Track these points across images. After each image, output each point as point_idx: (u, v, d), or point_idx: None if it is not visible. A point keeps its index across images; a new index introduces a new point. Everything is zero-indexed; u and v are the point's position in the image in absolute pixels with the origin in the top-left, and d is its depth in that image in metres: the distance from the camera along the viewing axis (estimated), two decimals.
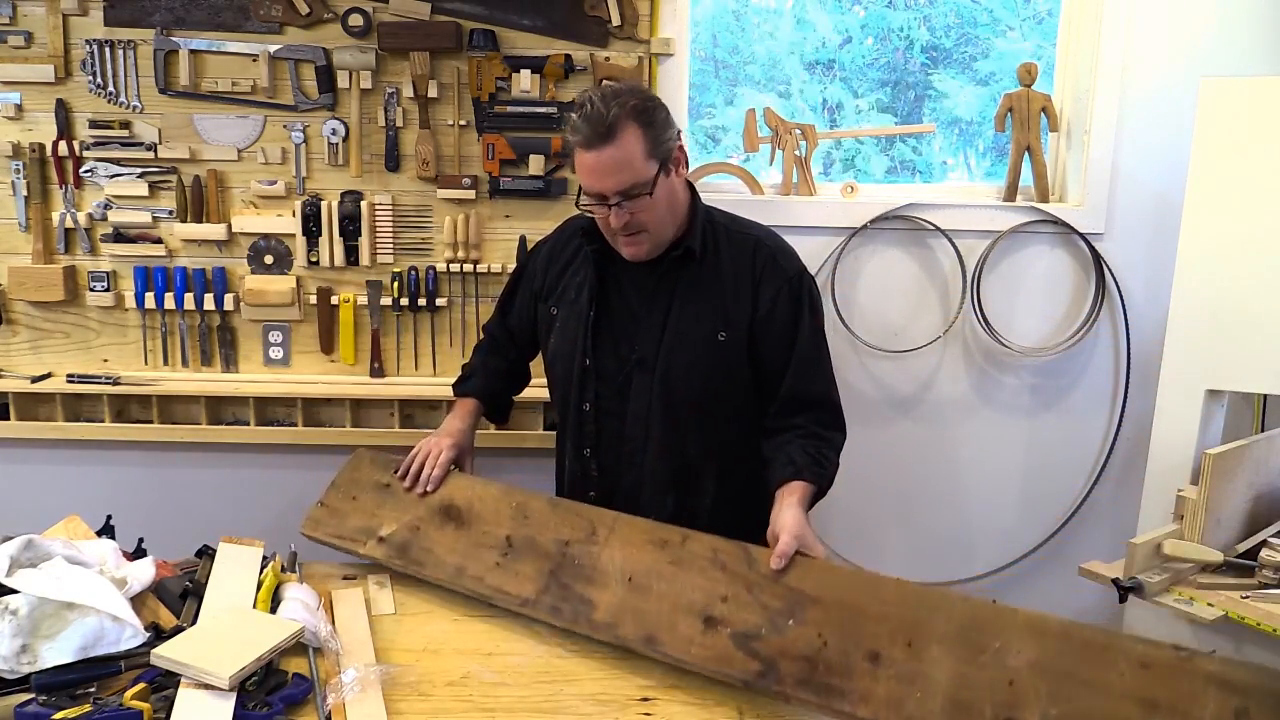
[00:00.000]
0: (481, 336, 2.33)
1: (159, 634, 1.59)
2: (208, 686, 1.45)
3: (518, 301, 2.14)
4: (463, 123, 2.58)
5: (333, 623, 1.71)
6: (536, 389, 2.31)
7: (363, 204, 2.60)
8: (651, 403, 1.92)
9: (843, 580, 1.49)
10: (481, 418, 2.17)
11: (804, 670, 1.46)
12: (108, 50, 2.52)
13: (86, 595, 1.53)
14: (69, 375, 2.65)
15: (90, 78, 2.53)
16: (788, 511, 1.74)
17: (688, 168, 1.94)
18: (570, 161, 1.89)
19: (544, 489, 2.13)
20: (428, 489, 1.94)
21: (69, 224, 2.60)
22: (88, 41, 2.52)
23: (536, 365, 2.24)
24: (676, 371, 1.90)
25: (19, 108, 2.55)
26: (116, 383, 2.62)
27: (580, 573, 1.71)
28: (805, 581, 1.51)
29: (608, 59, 2.56)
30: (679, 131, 1.89)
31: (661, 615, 1.62)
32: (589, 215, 1.92)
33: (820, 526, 2.89)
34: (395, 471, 2.00)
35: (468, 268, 2.62)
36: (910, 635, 1.38)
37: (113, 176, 2.58)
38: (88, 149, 2.57)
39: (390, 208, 2.62)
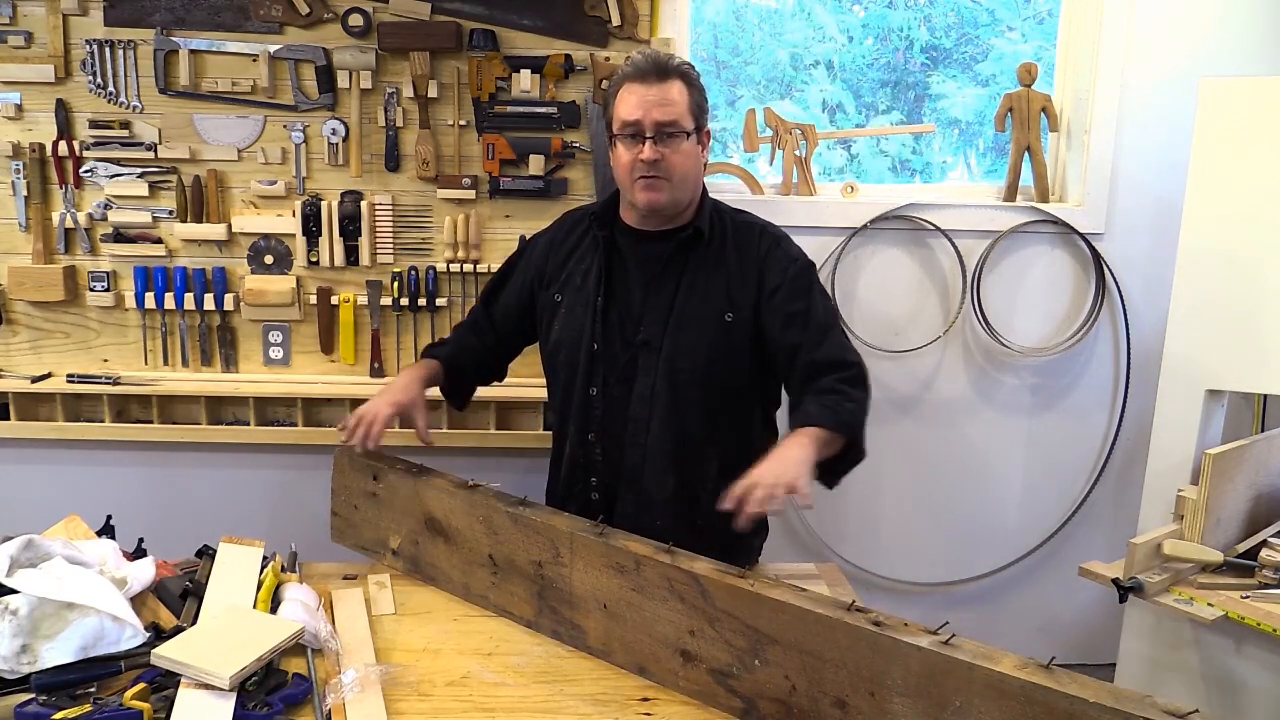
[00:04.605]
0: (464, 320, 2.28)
1: (159, 634, 1.59)
2: (208, 686, 1.44)
3: (508, 289, 2.13)
4: (463, 123, 2.58)
5: (333, 623, 1.71)
6: (535, 389, 2.32)
7: (363, 204, 2.60)
8: (656, 383, 1.93)
9: (796, 620, 1.40)
10: (437, 383, 2.12)
11: (781, 712, 1.44)
12: (108, 50, 2.52)
13: (86, 595, 1.53)
14: (69, 375, 2.65)
15: (90, 78, 2.53)
16: (774, 453, 1.71)
17: (708, 154, 1.97)
18: (609, 105, 1.90)
19: (543, 486, 2.13)
20: (368, 446, 1.91)
21: (69, 224, 2.60)
22: (88, 41, 2.52)
23: (515, 365, 2.23)
24: (682, 352, 1.91)
25: (19, 108, 2.55)
26: (116, 383, 2.62)
27: (561, 597, 1.69)
28: (759, 619, 1.45)
29: (608, 59, 2.56)
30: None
31: (643, 646, 1.59)
32: (597, 203, 1.92)
33: (821, 525, 2.92)
34: (343, 434, 1.95)
35: (468, 268, 2.62)
36: (871, 685, 1.34)
37: (113, 176, 2.58)
38: (88, 149, 2.57)
39: (390, 208, 2.62)
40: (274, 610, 1.69)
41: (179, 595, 1.72)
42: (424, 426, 2.00)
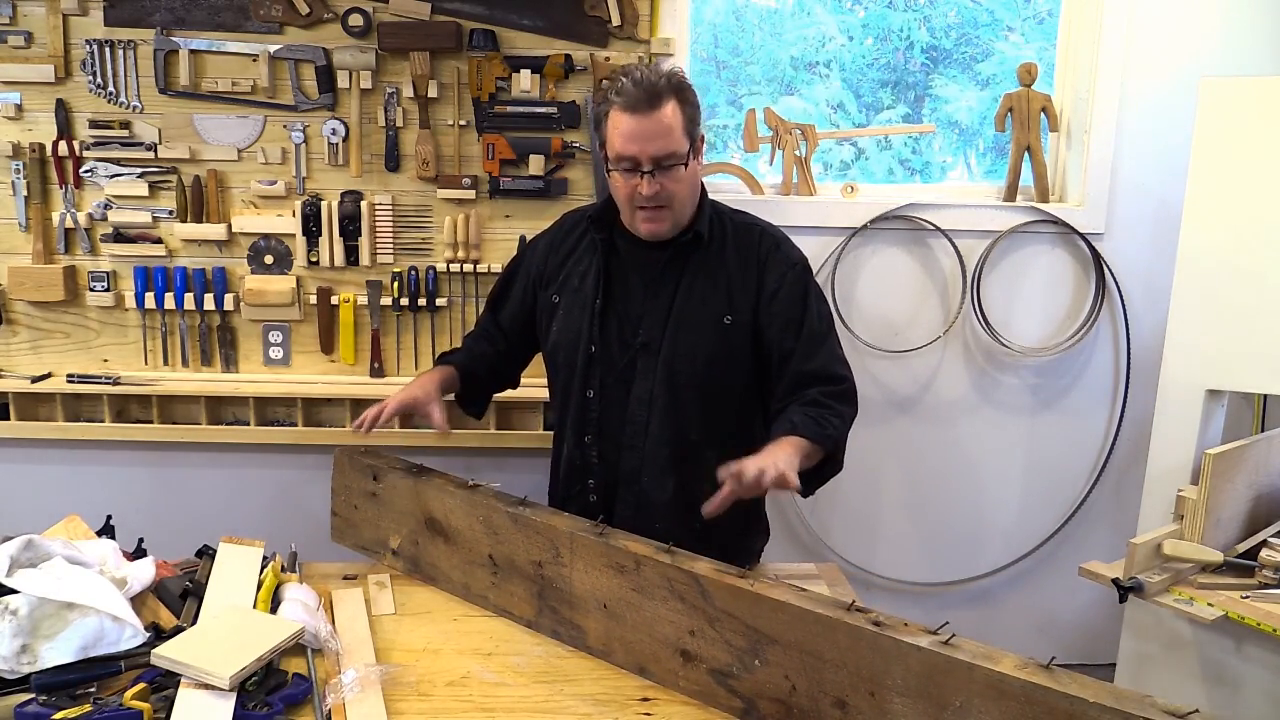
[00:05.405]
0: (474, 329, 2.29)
1: (159, 634, 1.59)
2: (208, 686, 1.45)
3: (513, 293, 2.13)
4: (463, 123, 2.58)
5: (333, 623, 1.71)
6: (536, 389, 2.31)
7: (363, 204, 2.60)
8: (654, 386, 1.92)
9: (796, 620, 1.41)
10: (454, 390, 2.11)
11: (781, 712, 1.44)
12: (108, 50, 2.52)
13: (86, 595, 1.53)
14: (69, 375, 2.65)
15: (90, 78, 2.53)
16: (760, 452, 1.70)
17: (703, 158, 1.97)
18: (600, 124, 1.87)
19: (543, 486, 2.13)
20: (375, 425, 1.92)
21: (69, 224, 2.60)
22: (88, 41, 2.52)
23: (527, 369, 2.23)
24: (681, 354, 1.91)
25: (19, 108, 2.55)
26: (116, 383, 2.62)
27: (561, 597, 1.69)
28: (759, 619, 1.45)
29: (608, 59, 2.56)
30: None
31: (643, 646, 1.59)
32: (595, 205, 1.91)
33: (821, 525, 2.91)
34: (360, 426, 1.96)
35: (468, 268, 2.62)
36: (871, 685, 1.34)
37: (113, 176, 2.58)
38: (88, 149, 2.57)
39: (390, 208, 2.62)
40: (274, 610, 1.69)
41: (179, 595, 1.72)
42: (441, 418, 1.96)
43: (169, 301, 2.62)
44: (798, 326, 1.91)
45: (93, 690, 1.46)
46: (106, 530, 1.89)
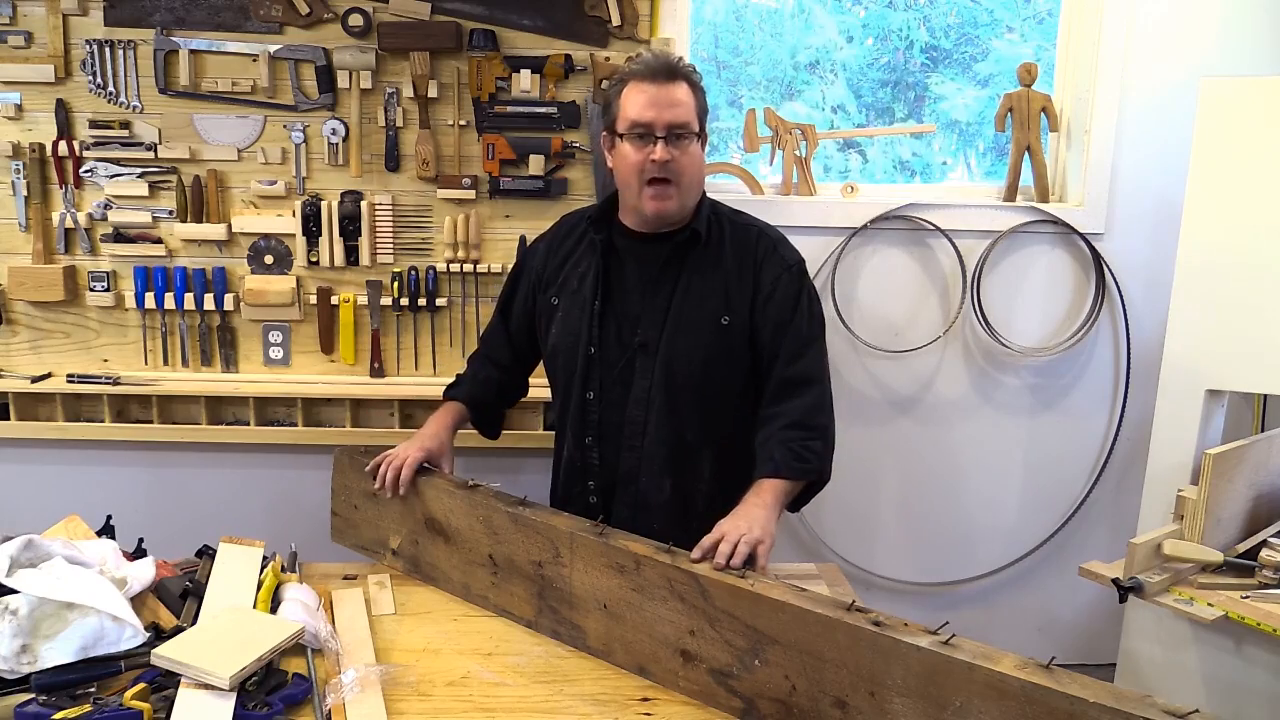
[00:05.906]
0: (478, 345, 2.29)
1: (159, 634, 1.59)
2: (208, 686, 1.45)
3: (518, 299, 2.13)
4: (463, 123, 2.58)
5: (333, 623, 1.71)
6: (537, 389, 2.31)
7: (363, 204, 2.60)
8: (652, 386, 1.92)
9: (795, 620, 1.41)
10: (466, 423, 2.14)
11: (781, 712, 1.45)
12: (108, 50, 2.52)
13: (86, 595, 1.53)
14: (69, 375, 2.65)
15: (90, 78, 2.53)
16: (740, 509, 1.74)
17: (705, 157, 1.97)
18: (612, 104, 1.90)
19: (543, 486, 2.13)
20: (399, 492, 1.92)
21: (69, 224, 2.60)
22: (88, 41, 2.52)
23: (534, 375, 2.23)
24: (678, 355, 1.91)
25: (19, 108, 2.55)
26: (116, 383, 2.62)
27: (561, 597, 1.70)
28: (759, 619, 1.45)
29: (608, 59, 2.56)
30: None
31: (643, 646, 1.60)
32: (594, 206, 1.92)
33: (821, 525, 2.91)
34: (371, 477, 1.96)
35: (468, 268, 2.62)
36: (871, 685, 1.35)
37: (113, 176, 2.58)
38: (88, 149, 2.57)
39: (390, 208, 2.62)
40: (274, 610, 1.69)
41: (179, 595, 1.72)
42: (451, 471, 1.99)
43: (169, 301, 2.62)
44: (785, 330, 1.92)
45: (93, 690, 1.46)
46: (106, 530, 1.89)
